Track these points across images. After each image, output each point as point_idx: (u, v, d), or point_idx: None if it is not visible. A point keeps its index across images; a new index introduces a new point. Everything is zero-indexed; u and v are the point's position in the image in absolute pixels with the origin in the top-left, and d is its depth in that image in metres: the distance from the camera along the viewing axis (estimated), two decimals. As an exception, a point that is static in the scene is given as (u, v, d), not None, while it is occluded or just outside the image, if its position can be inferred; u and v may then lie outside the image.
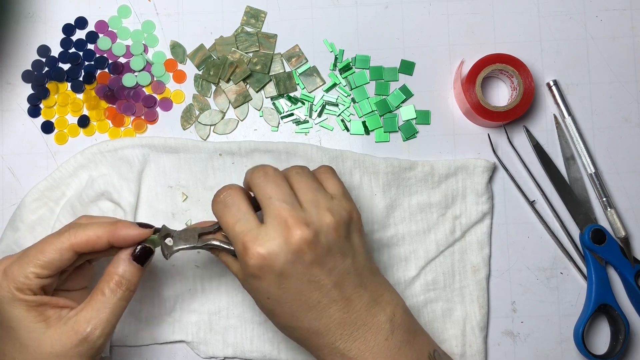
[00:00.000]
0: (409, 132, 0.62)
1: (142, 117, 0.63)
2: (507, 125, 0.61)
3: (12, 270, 0.48)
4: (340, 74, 0.63)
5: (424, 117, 0.62)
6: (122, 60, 0.63)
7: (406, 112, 0.62)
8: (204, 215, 0.61)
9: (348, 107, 0.62)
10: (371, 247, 0.60)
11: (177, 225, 0.60)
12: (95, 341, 0.48)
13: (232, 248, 0.50)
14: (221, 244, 0.50)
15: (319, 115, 0.62)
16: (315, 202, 0.48)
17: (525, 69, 0.59)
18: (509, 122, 0.61)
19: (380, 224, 0.60)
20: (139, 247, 0.50)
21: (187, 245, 0.51)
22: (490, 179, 0.61)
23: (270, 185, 0.48)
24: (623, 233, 0.60)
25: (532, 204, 0.61)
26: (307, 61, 0.63)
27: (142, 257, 0.50)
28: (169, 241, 0.51)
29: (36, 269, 0.47)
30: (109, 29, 0.63)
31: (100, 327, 0.48)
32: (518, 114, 0.59)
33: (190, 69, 0.63)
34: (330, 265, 0.47)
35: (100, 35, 0.63)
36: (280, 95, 0.63)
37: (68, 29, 0.63)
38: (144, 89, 0.63)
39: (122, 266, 0.49)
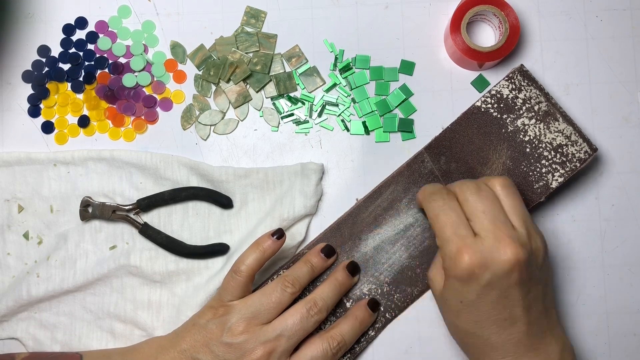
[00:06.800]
0: (408, 127, 0.62)
1: (142, 117, 0.63)
2: (499, 64, 0.61)
3: None
4: (340, 74, 0.62)
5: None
6: (122, 60, 0.63)
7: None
8: (42, 225, 0.61)
9: (348, 107, 0.62)
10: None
11: (14, 237, 0.61)
12: None
13: (140, 223, 0.60)
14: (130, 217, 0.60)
15: (319, 115, 0.62)
16: (526, 224, 0.50)
17: (508, 7, 0.59)
18: (501, 60, 0.60)
19: (215, 230, 0.61)
20: None
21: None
22: (320, 180, 0.61)
23: (484, 201, 0.50)
24: None
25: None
26: (307, 61, 0.63)
27: None
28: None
29: None
30: (109, 29, 0.63)
31: None
32: (507, 51, 0.59)
33: (190, 69, 0.63)
34: (528, 289, 0.49)
35: (101, 35, 0.63)
36: (280, 96, 0.63)
37: (68, 29, 0.63)
38: (144, 89, 0.63)
39: None
